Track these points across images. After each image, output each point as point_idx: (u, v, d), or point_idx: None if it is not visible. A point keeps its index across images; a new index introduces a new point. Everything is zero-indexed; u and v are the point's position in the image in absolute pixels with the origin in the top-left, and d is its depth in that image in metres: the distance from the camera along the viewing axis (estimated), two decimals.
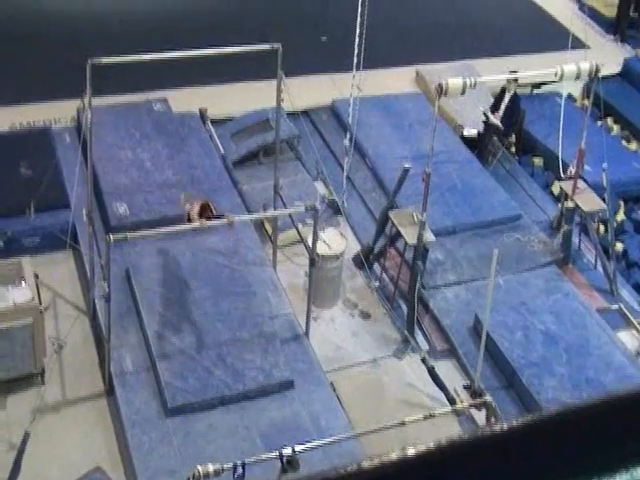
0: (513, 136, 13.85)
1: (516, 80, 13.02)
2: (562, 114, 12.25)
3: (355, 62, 11.37)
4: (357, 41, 11.31)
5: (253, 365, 9.44)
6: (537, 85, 15.04)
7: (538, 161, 13.93)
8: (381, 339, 10.65)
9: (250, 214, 11.46)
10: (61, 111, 12.91)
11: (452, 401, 9.56)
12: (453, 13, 17.28)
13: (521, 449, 1.56)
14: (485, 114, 13.31)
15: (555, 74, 10.57)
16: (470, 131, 13.65)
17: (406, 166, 10.77)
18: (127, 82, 12.85)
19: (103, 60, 8.91)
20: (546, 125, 14.00)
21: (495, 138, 13.52)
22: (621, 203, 13.14)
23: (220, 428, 8.91)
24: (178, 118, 12.97)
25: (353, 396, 9.71)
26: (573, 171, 11.52)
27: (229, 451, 8.60)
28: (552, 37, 15.59)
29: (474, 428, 9.37)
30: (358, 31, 11.25)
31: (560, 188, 12.29)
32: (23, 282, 9.37)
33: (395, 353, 10.45)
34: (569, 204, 11.59)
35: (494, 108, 13.40)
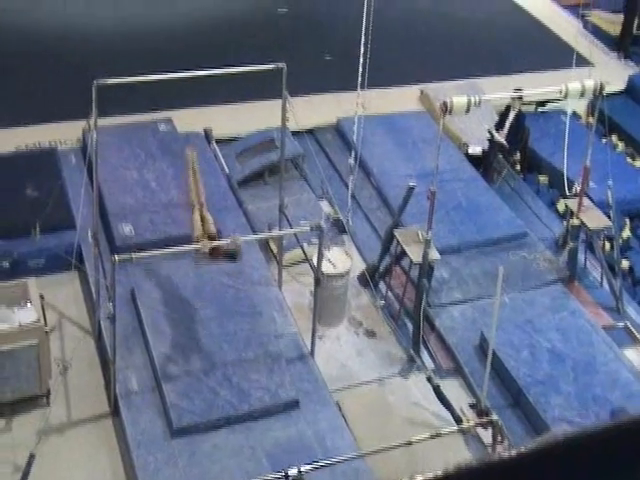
0: (518, 154, 13.85)
1: (521, 98, 13.03)
2: (567, 132, 12.27)
3: (360, 81, 11.39)
4: (361, 60, 11.34)
5: (259, 385, 9.41)
6: (542, 103, 15.04)
7: (543, 179, 13.92)
8: (386, 358, 10.61)
9: (255, 234, 11.47)
10: (67, 132, 12.95)
11: (458, 420, 9.53)
12: (457, 32, 17.32)
13: (530, 476, 1.55)
14: (490, 132, 13.32)
15: (560, 92, 10.59)
16: (475, 149, 13.66)
17: (411, 184, 10.76)
18: (132, 102, 12.90)
19: (108, 81, 8.92)
20: (551, 143, 14.02)
21: (500, 156, 13.52)
22: (627, 220, 13.11)
23: (225, 448, 8.87)
24: (183, 138, 13.00)
25: (359, 415, 9.67)
26: (578, 188, 11.50)
27: (235, 471, 8.57)
28: (556, 55, 15.65)
29: (482, 450, 9.32)
30: (362, 50, 11.30)
31: (565, 206, 12.28)
32: (29, 303, 9.37)
33: (401, 372, 10.41)
34: (574, 222, 11.56)
35: (499, 126, 13.40)
